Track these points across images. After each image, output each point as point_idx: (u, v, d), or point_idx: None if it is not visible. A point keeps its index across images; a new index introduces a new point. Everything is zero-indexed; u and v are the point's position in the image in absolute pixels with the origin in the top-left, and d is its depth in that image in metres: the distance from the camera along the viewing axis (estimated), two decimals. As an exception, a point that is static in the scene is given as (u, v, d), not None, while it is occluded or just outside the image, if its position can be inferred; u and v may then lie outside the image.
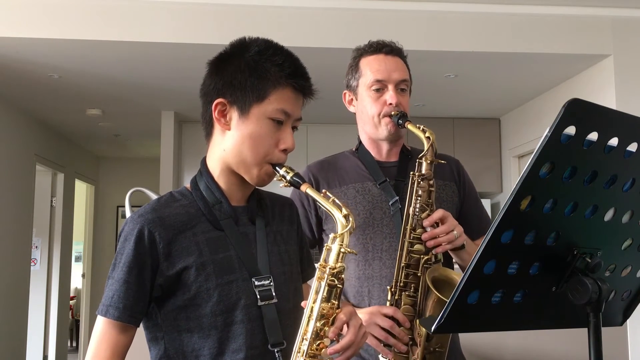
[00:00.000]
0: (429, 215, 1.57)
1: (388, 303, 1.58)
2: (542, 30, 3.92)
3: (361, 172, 1.74)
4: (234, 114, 1.23)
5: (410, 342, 1.53)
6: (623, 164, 0.95)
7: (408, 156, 1.76)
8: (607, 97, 3.99)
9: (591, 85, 4.23)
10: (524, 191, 0.89)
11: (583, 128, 0.88)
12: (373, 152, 1.76)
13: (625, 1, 3.86)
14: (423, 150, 1.64)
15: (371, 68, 1.71)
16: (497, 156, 5.72)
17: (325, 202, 1.20)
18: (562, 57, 4.03)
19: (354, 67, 1.76)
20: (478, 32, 3.90)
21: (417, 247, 1.57)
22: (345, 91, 1.80)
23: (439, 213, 1.56)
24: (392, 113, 1.67)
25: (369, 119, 1.71)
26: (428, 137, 1.62)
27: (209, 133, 1.30)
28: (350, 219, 1.19)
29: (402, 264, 1.57)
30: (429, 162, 1.61)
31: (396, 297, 1.57)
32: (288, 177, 1.22)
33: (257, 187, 1.32)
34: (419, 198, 1.59)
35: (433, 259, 1.57)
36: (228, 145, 1.24)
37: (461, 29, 3.89)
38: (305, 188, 1.21)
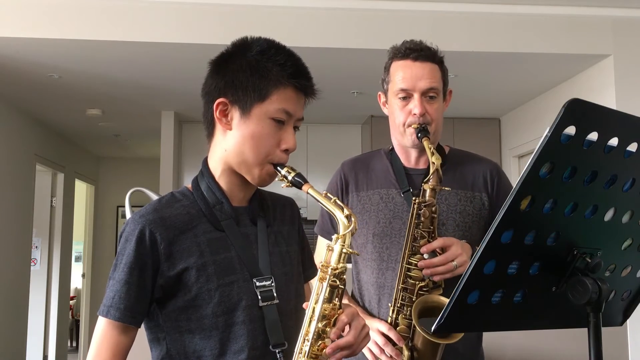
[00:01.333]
0: (428, 242, 1.56)
1: (389, 319, 1.59)
2: (542, 30, 3.92)
3: (389, 177, 1.73)
4: (235, 114, 1.23)
5: None
6: (623, 164, 0.95)
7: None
8: (607, 97, 3.99)
9: (591, 85, 4.23)
10: (524, 191, 0.89)
11: (583, 128, 0.88)
12: (402, 158, 1.75)
13: (625, 1, 3.86)
14: (464, 151, 1.64)
15: (398, 75, 1.67)
16: (497, 156, 5.72)
17: (327, 203, 1.20)
18: (562, 57, 4.03)
19: (386, 70, 1.73)
20: (478, 32, 3.90)
21: (414, 272, 1.56)
22: (380, 93, 1.78)
23: (438, 242, 1.54)
24: (414, 126, 1.64)
25: (395, 126, 1.70)
26: (433, 163, 1.58)
27: (210, 133, 1.29)
28: (353, 219, 1.18)
29: (401, 287, 1.58)
30: (431, 188, 1.58)
31: (394, 316, 1.59)
32: (290, 177, 1.21)
33: (258, 188, 1.32)
34: (420, 224, 1.58)
35: (431, 285, 1.56)
36: (229, 145, 1.24)
37: (461, 29, 3.89)
38: (306, 188, 1.20)
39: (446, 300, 1.53)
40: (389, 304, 1.60)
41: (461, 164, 1.75)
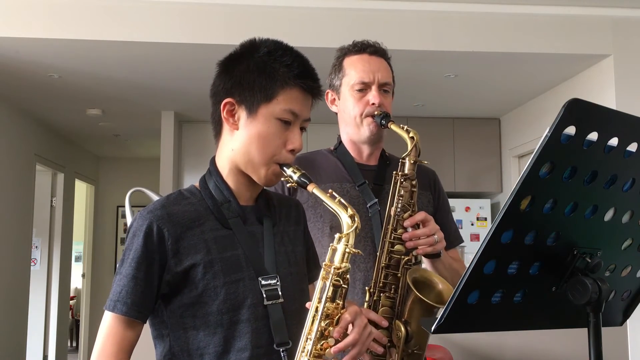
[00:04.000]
0: (410, 215, 1.56)
1: (366, 304, 1.57)
2: (542, 30, 3.92)
3: (340, 172, 1.72)
4: (242, 114, 1.24)
5: (389, 344, 1.52)
6: (623, 164, 0.96)
7: (387, 162, 1.76)
8: (607, 97, 3.99)
9: (591, 85, 4.23)
10: (524, 191, 0.89)
11: (583, 128, 0.88)
12: (353, 154, 1.75)
13: (625, 1, 3.86)
14: (402, 158, 1.63)
15: (355, 68, 1.70)
16: (497, 156, 5.72)
17: (331, 202, 1.21)
18: (562, 57, 4.03)
19: (338, 67, 1.75)
20: (478, 32, 3.90)
21: (397, 247, 1.56)
22: (327, 90, 1.78)
23: (421, 215, 1.56)
24: (375, 113, 1.65)
25: (350, 119, 1.70)
26: (412, 137, 1.61)
27: (217, 133, 1.31)
28: (356, 219, 1.19)
29: (382, 264, 1.56)
30: (412, 162, 1.61)
31: (374, 298, 1.56)
32: (295, 177, 1.23)
33: (265, 188, 1.33)
34: (401, 198, 1.59)
35: (413, 260, 1.56)
36: (236, 145, 1.25)
37: (461, 29, 3.89)
38: (311, 188, 1.21)
39: (435, 275, 1.55)
40: (367, 288, 1.58)
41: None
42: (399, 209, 1.58)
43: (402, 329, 1.51)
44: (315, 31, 3.81)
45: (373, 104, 1.66)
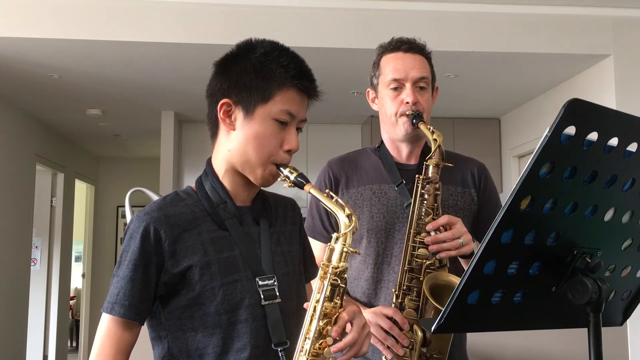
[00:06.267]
0: (433, 219, 1.55)
1: (393, 305, 1.57)
2: (542, 30, 3.92)
3: (380, 172, 1.73)
4: (238, 115, 1.24)
5: (411, 347, 1.52)
6: (623, 164, 0.95)
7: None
8: (607, 97, 3.99)
9: (591, 85, 4.23)
10: (524, 191, 0.89)
11: (583, 128, 0.88)
12: (393, 154, 1.75)
13: (625, 1, 3.86)
14: (450, 152, 1.63)
15: (389, 66, 1.69)
16: (497, 156, 5.72)
17: (329, 202, 1.21)
18: (562, 57, 4.03)
19: (376, 65, 1.75)
20: (478, 32, 3.90)
21: (420, 251, 1.55)
22: (368, 89, 1.79)
23: (444, 218, 1.54)
24: (407, 112, 1.65)
25: (387, 118, 1.70)
26: (435, 140, 1.59)
27: (214, 133, 1.31)
28: (353, 218, 1.19)
29: (405, 268, 1.56)
30: (435, 164, 1.59)
31: (400, 301, 1.57)
32: (292, 177, 1.23)
33: (261, 188, 1.33)
34: (424, 202, 1.57)
35: (437, 264, 1.55)
36: (233, 146, 1.25)
37: (461, 29, 3.89)
38: (308, 188, 1.21)
39: (456, 279, 1.53)
40: (393, 290, 1.59)
41: (449, 162, 1.75)
42: (422, 213, 1.57)
43: (419, 332, 1.51)
44: (315, 31, 3.81)
45: (407, 102, 1.65)
